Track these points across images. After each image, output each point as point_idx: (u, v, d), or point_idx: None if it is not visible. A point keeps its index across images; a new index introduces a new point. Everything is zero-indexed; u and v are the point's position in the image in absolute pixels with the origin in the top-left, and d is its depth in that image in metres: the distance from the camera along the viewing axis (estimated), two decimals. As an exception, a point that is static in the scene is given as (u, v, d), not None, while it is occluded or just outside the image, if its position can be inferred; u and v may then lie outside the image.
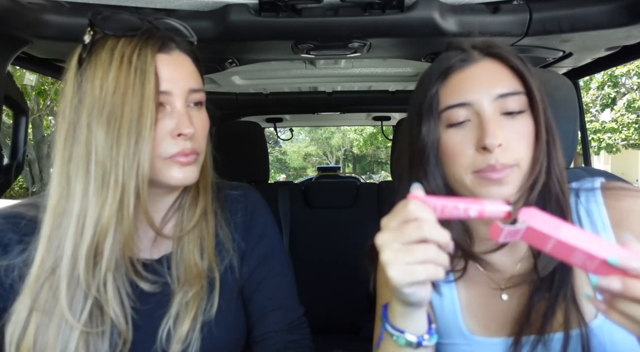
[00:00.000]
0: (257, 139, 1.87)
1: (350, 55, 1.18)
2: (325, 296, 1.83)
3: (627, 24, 0.96)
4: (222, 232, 0.80)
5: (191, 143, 0.70)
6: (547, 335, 0.64)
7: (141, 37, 0.66)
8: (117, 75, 0.64)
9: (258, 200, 0.88)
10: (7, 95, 1.02)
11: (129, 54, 0.64)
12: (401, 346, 0.59)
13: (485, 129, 0.62)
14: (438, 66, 0.69)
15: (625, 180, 0.99)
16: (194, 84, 0.71)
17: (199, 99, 0.72)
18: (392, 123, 2.74)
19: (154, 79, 0.65)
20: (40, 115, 10.24)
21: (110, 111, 0.63)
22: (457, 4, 0.98)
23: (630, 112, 12.66)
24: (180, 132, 0.68)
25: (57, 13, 0.95)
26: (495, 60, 0.67)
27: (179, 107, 0.68)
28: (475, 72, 0.66)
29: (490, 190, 0.63)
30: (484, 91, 0.64)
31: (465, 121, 0.65)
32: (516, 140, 0.63)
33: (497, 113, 0.64)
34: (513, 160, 0.63)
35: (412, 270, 0.49)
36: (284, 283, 0.84)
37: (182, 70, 0.70)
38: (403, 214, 0.50)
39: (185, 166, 0.70)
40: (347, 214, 1.96)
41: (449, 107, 0.66)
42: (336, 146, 28.10)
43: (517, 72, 0.65)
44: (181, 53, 0.71)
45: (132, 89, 0.63)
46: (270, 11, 0.94)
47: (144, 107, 0.63)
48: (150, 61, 0.65)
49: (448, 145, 0.66)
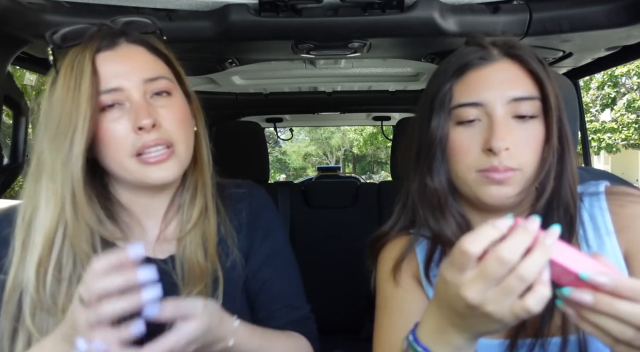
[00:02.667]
0: (257, 139, 1.87)
1: (350, 55, 1.18)
2: (325, 296, 1.83)
3: (627, 24, 0.96)
4: (226, 231, 0.79)
5: (156, 134, 0.67)
6: (544, 339, 0.63)
7: (84, 42, 0.67)
8: (61, 84, 0.65)
9: (263, 198, 0.87)
10: (7, 95, 1.02)
11: (71, 61, 0.65)
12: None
13: (494, 132, 0.61)
14: (455, 61, 0.67)
15: (626, 181, 0.99)
16: (149, 74, 0.69)
17: (161, 88, 0.70)
18: (392, 123, 2.73)
19: (90, 80, 0.64)
20: (40, 115, 10.24)
21: (51, 120, 0.65)
22: (457, 4, 0.98)
23: (630, 112, 12.65)
24: (138, 126, 0.66)
25: (57, 13, 0.95)
26: (515, 61, 0.65)
27: (136, 99, 0.67)
28: (492, 73, 0.65)
29: (491, 189, 0.63)
30: (498, 93, 0.63)
31: (475, 120, 0.65)
32: (523, 145, 0.63)
33: (508, 116, 0.63)
34: (517, 165, 0.62)
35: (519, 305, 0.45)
36: (290, 281, 0.84)
37: (132, 63, 0.69)
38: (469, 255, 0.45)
39: (159, 164, 0.68)
40: (347, 214, 1.95)
41: (461, 105, 0.65)
42: (336, 146, 28.09)
43: (535, 76, 0.64)
44: (130, 45, 0.70)
45: (71, 94, 0.64)
46: (270, 11, 0.94)
47: (79, 110, 0.63)
48: (87, 63, 0.65)
49: (455, 142, 0.66)
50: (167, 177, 0.69)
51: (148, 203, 0.76)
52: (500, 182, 0.62)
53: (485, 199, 0.64)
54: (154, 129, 0.67)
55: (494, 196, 0.63)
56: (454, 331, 0.51)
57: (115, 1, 0.92)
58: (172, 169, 0.70)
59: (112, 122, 0.67)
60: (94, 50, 0.66)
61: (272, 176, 22.34)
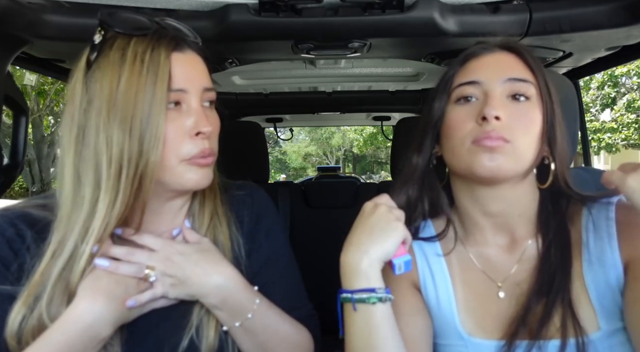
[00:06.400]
0: (257, 139, 1.87)
1: (350, 55, 1.18)
2: (325, 296, 1.83)
3: (627, 24, 0.96)
4: (232, 234, 0.80)
5: (209, 143, 0.70)
6: (542, 341, 0.64)
7: (153, 36, 0.66)
8: (129, 75, 0.63)
9: (264, 200, 0.87)
10: (7, 95, 1.02)
11: (142, 53, 0.64)
12: (374, 304, 0.62)
13: (488, 103, 0.66)
14: (462, 55, 0.75)
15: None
16: (207, 83, 0.71)
17: (212, 98, 0.73)
18: (392, 123, 2.73)
19: (167, 78, 0.64)
20: (40, 115, 10.23)
21: (121, 111, 0.62)
22: (457, 4, 0.98)
23: (630, 112, 12.65)
24: (199, 131, 0.67)
25: (57, 13, 0.95)
26: (511, 53, 0.71)
27: (195, 105, 0.68)
28: (490, 59, 0.71)
29: (483, 158, 0.65)
30: (495, 73, 0.69)
31: (472, 98, 0.69)
32: (516, 121, 0.66)
33: (504, 95, 0.67)
34: (509, 136, 0.65)
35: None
36: (290, 282, 0.84)
37: (197, 69, 0.70)
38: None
39: (203, 168, 0.70)
40: (347, 214, 1.94)
41: (460, 85, 0.71)
42: (336, 146, 28.10)
43: (530, 67, 0.69)
44: (193, 52, 0.71)
45: (144, 88, 0.62)
46: (270, 11, 0.94)
47: (155, 106, 0.63)
48: (164, 60, 0.64)
49: (452, 119, 0.70)
50: (204, 181, 0.71)
51: (158, 208, 0.75)
52: (492, 149, 0.64)
53: (478, 170, 0.66)
54: (209, 137, 0.70)
55: (486, 166, 0.65)
56: (358, 256, 0.64)
57: (115, 1, 0.92)
58: (210, 175, 0.72)
59: (170, 122, 0.66)
60: (171, 48, 0.66)
61: (272, 176, 22.33)
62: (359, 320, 0.63)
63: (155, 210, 0.74)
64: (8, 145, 1.11)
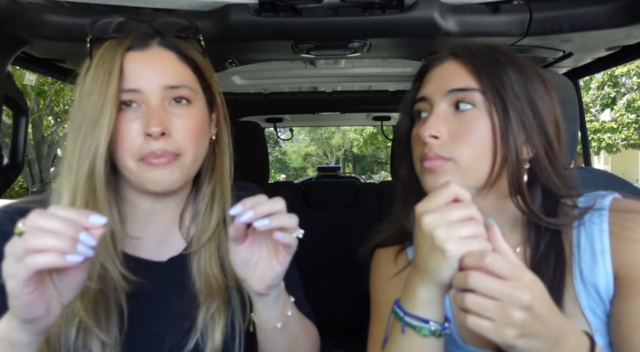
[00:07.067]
0: (257, 139, 1.87)
1: (350, 55, 1.18)
2: (324, 295, 1.83)
3: (627, 24, 0.96)
4: None
5: (164, 143, 0.66)
6: None
7: (120, 37, 0.67)
8: (92, 78, 0.64)
9: None
10: (7, 95, 1.02)
11: (103, 55, 0.65)
12: (425, 336, 0.57)
13: (427, 121, 0.66)
14: (420, 67, 0.75)
15: (627, 181, 0.99)
16: (171, 81, 0.67)
17: (180, 95, 0.68)
18: (392, 123, 2.74)
19: (117, 77, 0.64)
20: (40, 115, 10.23)
21: (77, 114, 0.64)
22: (457, 4, 0.98)
23: (630, 112, 12.66)
24: (147, 132, 0.64)
25: (57, 13, 0.95)
26: (459, 60, 0.68)
27: (153, 104, 0.66)
28: (438, 71, 0.70)
29: (427, 180, 0.66)
30: (438, 87, 0.67)
31: (423, 113, 0.70)
32: (458, 136, 0.64)
33: (449, 107, 0.66)
34: (449, 154, 0.64)
35: (467, 242, 0.52)
36: (289, 282, 0.84)
37: (157, 67, 0.67)
38: (444, 196, 0.54)
39: (159, 168, 0.66)
40: (347, 214, 1.96)
41: (415, 102, 0.71)
42: (336, 146, 28.09)
43: (473, 72, 0.65)
44: (161, 49, 0.69)
45: (98, 89, 0.63)
46: (270, 11, 0.94)
47: (105, 107, 0.63)
48: (117, 60, 0.64)
49: (413, 135, 0.72)
50: (161, 182, 0.67)
51: (150, 208, 0.75)
52: (432, 170, 0.65)
53: (429, 189, 0.66)
54: (162, 137, 0.65)
55: (428, 185, 0.66)
56: (418, 279, 0.57)
57: (115, 1, 0.92)
58: (171, 176, 0.67)
59: (126, 123, 0.66)
60: (125, 48, 0.66)
61: (272, 176, 22.34)
62: (405, 344, 0.60)
63: (147, 210, 0.74)
64: (8, 145, 1.11)
